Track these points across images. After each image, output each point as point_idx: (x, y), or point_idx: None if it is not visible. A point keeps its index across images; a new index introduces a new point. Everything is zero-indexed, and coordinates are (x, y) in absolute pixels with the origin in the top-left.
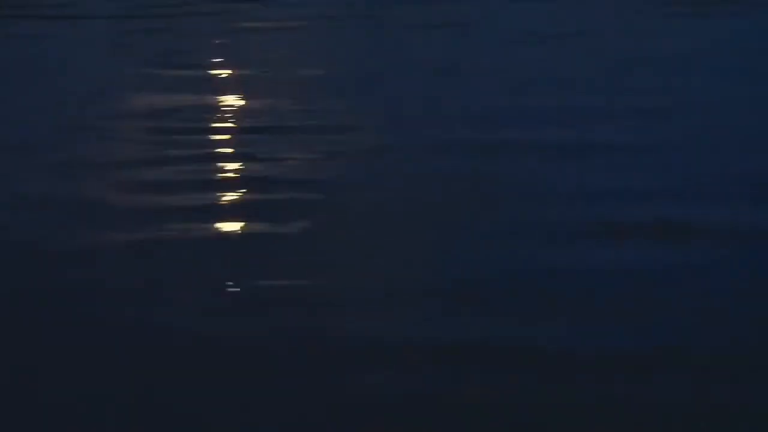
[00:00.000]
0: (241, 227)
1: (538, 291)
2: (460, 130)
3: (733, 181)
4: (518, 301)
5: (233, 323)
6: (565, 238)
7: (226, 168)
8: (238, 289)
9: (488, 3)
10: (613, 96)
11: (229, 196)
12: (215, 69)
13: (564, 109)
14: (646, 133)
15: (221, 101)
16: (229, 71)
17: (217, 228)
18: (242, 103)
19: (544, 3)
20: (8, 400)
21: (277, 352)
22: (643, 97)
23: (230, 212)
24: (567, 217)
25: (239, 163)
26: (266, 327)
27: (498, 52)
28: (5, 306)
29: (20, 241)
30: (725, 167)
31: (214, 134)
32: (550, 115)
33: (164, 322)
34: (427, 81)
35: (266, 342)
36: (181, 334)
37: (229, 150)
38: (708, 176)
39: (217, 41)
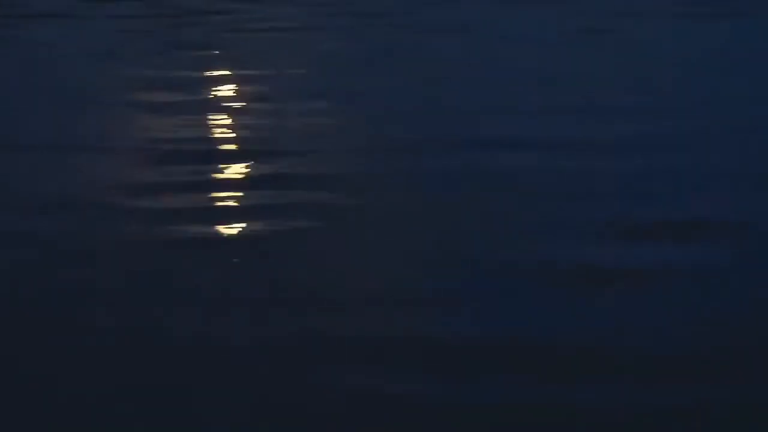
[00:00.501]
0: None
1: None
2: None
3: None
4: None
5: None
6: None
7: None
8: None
9: (492, 6)
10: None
11: (228, 224)
12: (212, 81)
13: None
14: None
15: (218, 121)
16: (226, 85)
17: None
18: (236, 121)
19: (547, 5)
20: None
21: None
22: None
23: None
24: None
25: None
26: (259, 329)
27: (495, 53)
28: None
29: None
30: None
31: (211, 157)
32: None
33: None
34: (417, 82)
35: (259, 342)
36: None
37: (224, 174)
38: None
39: (212, 50)
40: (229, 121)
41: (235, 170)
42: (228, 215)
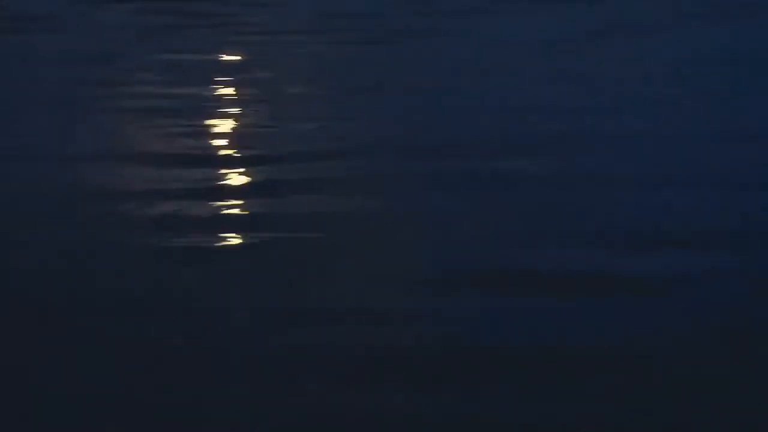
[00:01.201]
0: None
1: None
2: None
3: None
4: None
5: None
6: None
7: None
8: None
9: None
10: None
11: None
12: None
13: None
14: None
15: (215, 127)
16: (224, 90)
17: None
18: (234, 127)
19: (520, 15)
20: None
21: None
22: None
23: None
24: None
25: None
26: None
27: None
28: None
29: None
30: None
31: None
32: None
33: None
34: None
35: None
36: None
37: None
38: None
39: (209, 54)
40: (226, 128)
41: (232, 177)
42: (226, 223)
